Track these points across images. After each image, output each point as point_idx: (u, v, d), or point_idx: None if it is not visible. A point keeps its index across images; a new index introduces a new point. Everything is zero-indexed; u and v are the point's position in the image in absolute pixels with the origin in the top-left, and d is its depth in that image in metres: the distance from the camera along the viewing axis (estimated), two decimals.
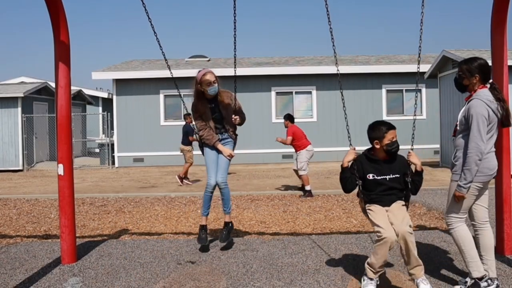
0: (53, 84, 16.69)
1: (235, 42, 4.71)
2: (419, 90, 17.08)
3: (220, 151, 4.95)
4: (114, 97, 17.06)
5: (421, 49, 4.03)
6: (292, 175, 12.85)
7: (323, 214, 7.20)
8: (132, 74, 16.62)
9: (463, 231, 3.57)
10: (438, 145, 15.21)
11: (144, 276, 4.20)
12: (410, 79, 16.43)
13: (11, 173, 15.67)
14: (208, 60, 19.32)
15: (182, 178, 11.21)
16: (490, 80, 3.62)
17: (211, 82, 4.83)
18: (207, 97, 4.92)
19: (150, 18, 4.54)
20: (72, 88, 5.16)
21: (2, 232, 6.38)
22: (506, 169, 4.41)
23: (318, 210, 7.54)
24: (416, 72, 15.93)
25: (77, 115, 19.38)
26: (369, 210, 3.76)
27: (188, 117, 11.17)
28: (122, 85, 16.89)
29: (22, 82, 20.44)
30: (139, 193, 9.92)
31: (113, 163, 16.98)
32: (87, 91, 22.15)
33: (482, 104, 3.43)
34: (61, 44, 4.58)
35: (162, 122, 16.76)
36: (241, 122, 5.05)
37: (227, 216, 5.12)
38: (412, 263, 3.55)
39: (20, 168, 16.24)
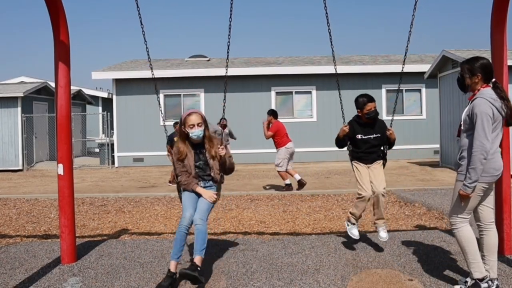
0: (53, 84, 16.66)
1: (229, 43, 4.40)
2: (419, 90, 17.09)
3: (200, 195, 4.26)
4: (114, 97, 17.06)
5: (408, 49, 4.66)
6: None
7: (323, 214, 7.20)
8: (132, 74, 16.62)
9: (467, 231, 3.55)
10: (438, 145, 15.21)
11: (144, 276, 4.20)
12: (410, 79, 16.43)
13: (11, 173, 15.67)
14: (208, 60, 19.31)
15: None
16: (493, 79, 3.59)
17: (194, 125, 4.19)
18: (192, 141, 4.29)
19: (141, 15, 4.43)
20: (72, 88, 5.16)
21: (2, 232, 6.37)
22: (506, 169, 4.40)
23: (317, 210, 7.54)
24: (416, 72, 16.05)
25: (77, 115, 19.37)
26: (355, 167, 4.82)
27: (177, 125, 11.01)
28: (122, 85, 16.89)
29: (22, 82, 20.43)
30: (139, 193, 9.92)
31: (113, 163, 16.97)
32: (87, 91, 22.14)
33: (486, 103, 3.41)
34: (61, 44, 4.58)
35: (162, 122, 16.77)
36: (230, 167, 4.42)
37: (198, 258, 3.94)
38: (378, 215, 4.77)
39: (20, 168, 16.24)
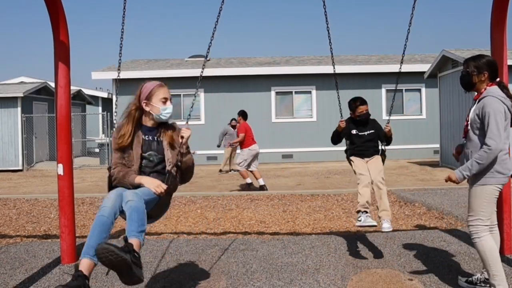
0: (52, 84, 16.68)
1: (213, 37, 3.99)
2: (419, 90, 17.09)
3: (141, 186, 3.10)
4: (114, 97, 17.06)
5: (406, 47, 4.69)
6: (291, 175, 12.86)
7: (323, 214, 7.20)
8: (132, 74, 16.62)
9: (490, 240, 3.37)
10: (438, 145, 15.21)
11: (144, 276, 4.19)
12: (410, 79, 16.44)
13: (10, 173, 15.67)
14: (208, 60, 19.31)
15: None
16: (498, 79, 3.49)
17: (167, 98, 3.24)
18: (147, 123, 3.27)
19: (125, 16, 3.83)
20: (72, 88, 5.15)
21: (2, 232, 6.37)
22: None
23: (317, 210, 7.54)
24: (416, 71, 16.05)
25: (77, 115, 19.37)
26: (352, 161, 4.84)
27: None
28: (122, 85, 16.88)
29: (21, 82, 20.44)
30: None
31: None
32: (87, 91, 22.14)
33: (498, 101, 3.30)
34: (61, 44, 4.58)
35: None
36: (190, 165, 3.33)
37: (135, 240, 2.94)
38: (382, 207, 4.54)
39: (20, 168, 16.23)
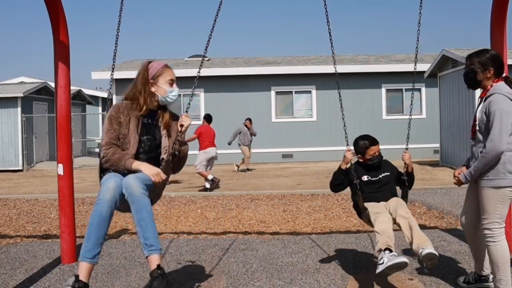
0: (52, 84, 16.68)
1: (209, 40, 3.86)
2: (418, 90, 17.08)
3: (137, 172, 3.03)
4: (114, 97, 17.04)
5: (418, 45, 4.17)
6: (291, 175, 12.86)
7: (323, 214, 7.20)
8: (132, 74, 16.23)
9: (505, 246, 3.26)
10: (437, 144, 15.21)
11: (144, 276, 4.19)
12: (410, 78, 16.40)
13: (10, 173, 15.67)
14: (208, 60, 19.32)
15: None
16: (504, 74, 3.33)
17: (174, 80, 3.27)
18: (149, 106, 3.27)
19: (121, 16, 4.02)
20: (72, 88, 5.16)
21: (2, 232, 6.37)
22: None
23: (318, 210, 7.54)
24: (416, 71, 16.00)
25: (77, 115, 19.37)
26: (366, 209, 3.68)
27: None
28: (122, 85, 16.81)
29: (21, 82, 20.44)
30: None
31: None
32: (87, 91, 22.16)
33: (506, 99, 3.16)
34: (61, 44, 4.58)
35: None
36: (185, 155, 3.38)
37: (154, 258, 3.00)
38: (415, 238, 3.39)
39: (20, 168, 16.23)
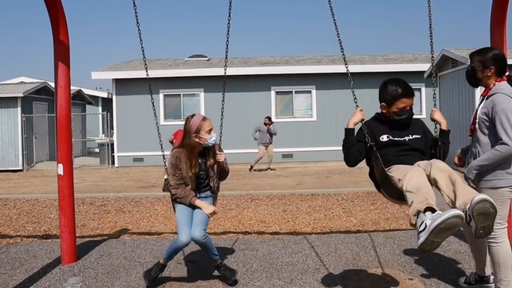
0: (52, 84, 16.65)
1: (228, 42, 4.24)
2: (418, 90, 17.06)
3: (198, 207, 3.98)
4: (114, 97, 17.06)
5: (432, 43, 3.67)
6: (291, 174, 12.85)
7: (323, 213, 7.20)
8: (132, 74, 16.61)
9: (507, 247, 3.23)
10: None
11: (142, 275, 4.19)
12: (410, 78, 16.38)
13: (10, 173, 15.67)
14: (208, 60, 19.31)
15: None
16: (507, 73, 3.28)
17: (212, 128, 3.96)
18: (197, 149, 3.98)
19: (137, 14, 4.09)
20: (72, 88, 5.16)
21: (2, 232, 6.38)
22: None
23: (318, 210, 7.54)
24: (416, 71, 16.04)
25: (77, 115, 19.36)
26: (390, 173, 2.86)
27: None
28: (122, 85, 16.89)
29: (21, 82, 20.43)
30: (139, 192, 9.92)
31: (113, 163, 16.97)
32: (87, 91, 22.13)
33: (509, 99, 3.12)
34: (61, 44, 4.58)
35: (162, 121, 16.76)
36: (226, 172, 4.21)
37: (219, 262, 4.07)
38: (459, 192, 2.67)
39: (20, 168, 16.23)
